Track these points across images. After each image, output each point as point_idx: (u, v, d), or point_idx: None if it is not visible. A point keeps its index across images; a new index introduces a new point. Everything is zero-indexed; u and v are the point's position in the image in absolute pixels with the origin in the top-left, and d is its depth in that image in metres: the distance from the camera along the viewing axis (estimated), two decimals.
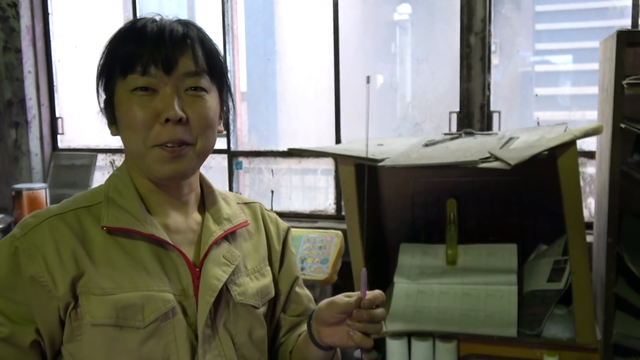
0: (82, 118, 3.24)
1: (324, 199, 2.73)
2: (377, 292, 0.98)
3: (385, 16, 2.67)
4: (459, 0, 2.21)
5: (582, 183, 2.25)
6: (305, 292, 1.19)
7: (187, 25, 1.00)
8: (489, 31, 2.19)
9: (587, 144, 2.23)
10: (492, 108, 2.29)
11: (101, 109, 1.04)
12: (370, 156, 1.69)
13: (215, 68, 1.01)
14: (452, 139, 1.88)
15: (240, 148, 2.80)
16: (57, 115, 3.27)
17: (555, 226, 1.85)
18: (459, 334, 1.70)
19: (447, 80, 2.34)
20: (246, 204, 1.19)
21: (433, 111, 2.41)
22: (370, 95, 1.08)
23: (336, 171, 2.58)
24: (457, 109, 2.26)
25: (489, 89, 2.22)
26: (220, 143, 2.84)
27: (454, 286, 1.83)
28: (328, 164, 2.70)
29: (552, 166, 1.54)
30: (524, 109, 2.53)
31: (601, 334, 1.62)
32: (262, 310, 1.11)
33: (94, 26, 3.20)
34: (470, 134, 1.90)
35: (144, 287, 0.93)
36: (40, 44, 3.18)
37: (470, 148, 1.65)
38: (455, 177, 2.01)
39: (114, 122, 1.02)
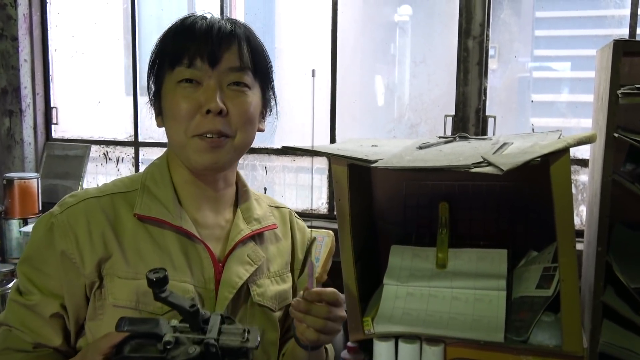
0: (76, 108, 3.22)
1: (316, 198, 2.73)
2: (329, 289, 1.01)
3: (386, 17, 2.67)
4: (458, 4, 2.21)
5: (575, 191, 2.26)
6: None
7: (235, 23, 1.05)
8: (487, 36, 2.20)
9: (581, 151, 2.24)
10: (487, 113, 2.29)
11: (150, 100, 1.09)
12: (363, 157, 1.69)
13: (259, 66, 1.05)
14: (446, 142, 1.88)
15: None
16: (52, 105, 3.26)
17: (547, 233, 1.84)
18: (446, 338, 1.70)
19: (444, 83, 2.34)
20: (277, 207, 1.23)
21: (429, 114, 2.41)
22: (369, 95, 1.12)
23: (329, 170, 2.58)
24: (453, 113, 2.26)
25: (485, 94, 2.23)
26: None
27: (443, 289, 1.83)
28: (322, 163, 2.70)
29: (544, 173, 1.54)
30: (520, 115, 2.54)
31: (588, 342, 1.63)
32: (278, 314, 1.14)
33: (91, 16, 3.19)
34: (465, 138, 1.90)
35: None
36: (37, 32, 3.17)
37: (464, 152, 1.64)
38: (448, 180, 2.01)
39: (160, 113, 1.07)
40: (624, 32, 2.23)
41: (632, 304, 1.57)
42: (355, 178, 1.82)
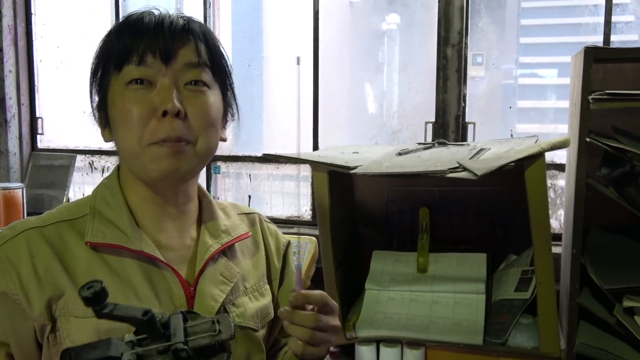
0: (62, 118, 3.23)
1: (301, 205, 2.75)
2: (317, 291, 0.90)
3: (373, 25, 2.70)
4: (437, 13, 2.24)
5: (553, 195, 2.29)
6: None
7: (190, 19, 0.93)
8: (466, 43, 2.23)
9: (559, 156, 2.27)
10: (469, 119, 2.32)
11: (93, 111, 0.96)
12: (343, 163, 1.71)
13: (218, 64, 0.93)
14: (425, 148, 1.91)
15: (219, 152, 2.81)
16: (37, 115, 3.27)
17: (526, 237, 1.87)
18: (427, 341, 1.72)
19: (424, 91, 2.37)
20: (246, 214, 1.09)
21: (410, 120, 2.44)
22: (352, 103, 1.05)
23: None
24: (433, 119, 2.30)
25: (464, 101, 2.26)
26: None
27: (423, 294, 1.85)
28: (308, 170, 2.72)
29: (522, 178, 1.57)
30: (504, 121, 2.57)
31: (565, 344, 1.65)
32: (262, 333, 1.02)
33: (77, 27, 3.20)
34: (443, 144, 1.93)
35: None
36: (22, 43, 3.18)
37: (441, 158, 1.67)
38: (429, 186, 2.04)
39: (107, 124, 0.93)
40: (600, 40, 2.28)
41: (607, 306, 1.59)
42: (337, 185, 1.84)
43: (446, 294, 1.83)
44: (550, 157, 2.29)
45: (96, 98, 0.95)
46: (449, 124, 2.25)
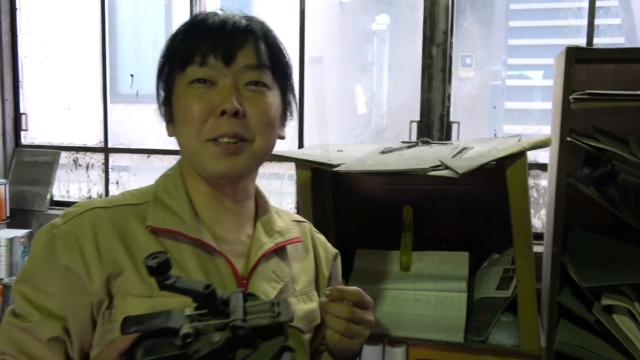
0: (46, 115, 3.21)
1: (286, 204, 2.75)
2: (352, 287, 0.93)
3: (359, 25, 2.71)
4: (422, 13, 2.25)
5: (536, 195, 2.31)
6: None
7: (252, 19, 0.96)
8: (451, 43, 2.24)
9: (543, 156, 2.29)
10: (454, 119, 2.33)
11: (159, 107, 0.99)
12: (327, 161, 1.72)
13: (278, 65, 0.96)
14: (408, 147, 1.92)
15: None
16: (22, 111, 3.24)
17: (508, 235, 1.89)
18: (409, 339, 1.73)
19: (410, 90, 2.38)
20: (297, 222, 1.12)
21: (395, 119, 2.45)
22: (338, 102, 1.06)
23: None
24: (418, 118, 2.31)
25: (449, 100, 2.27)
26: None
27: (406, 292, 1.86)
28: (293, 169, 2.72)
29: (505, 176, 1.58)
30: (487, 122, 2.59)
31: (545, 342, 1.67)
32: (308, 336, 1.03)
33: (62, 23, 3.18)
34: (427, 142, 1.93)
35: None
36: (6, 38, 3.15)
37: (424, 156, 1.68)
38: (413, 185, 2.05)
39: (170, 120, 0.97)
40: (597, 42, 2.29)
41: (588, 304, 1.61)
42: (321, 183, 1.85)
43: (428, 292, 1.83)
44: (534, 157, 2.31)
45: (162, 94, 0.98)
46: (434, 123, 2.26)
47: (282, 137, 1.01)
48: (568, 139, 1.55)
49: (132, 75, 3.08)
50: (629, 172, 1.45)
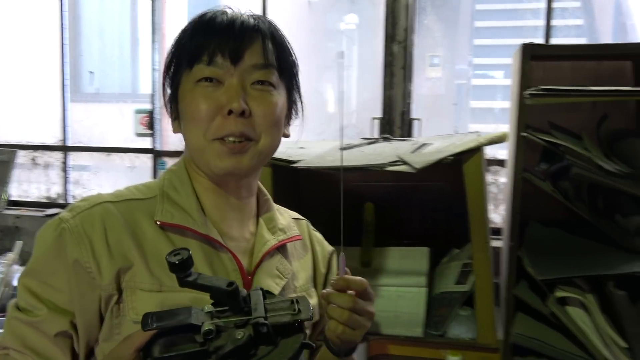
0: (2, 112, 3.13)
1: None
2: (357, 278, 0.93)
3: (325, 23, 2.70)
4: (384, 10, 2.26)
5: (495, 190, 2.34)
6: None
7: (259, 18, 0.96)
8: (412, 41, 2.26)
9: (502, 153, 2.32)
10: (416, 116, 2.35)
11: (166, 104, 1.00)
12: (287, 157, 1.71)
13: (285, 65, 0.97)
14: (369, 143, 1.92)
15: (164, 148, 2.78)
16: None
17: (468, 230, 1.91)
18: (369, 334, 1.73)
19: (372, 87, 2.39)
20: (295, 219, 1.14)
21: (357, 116, 2.46)
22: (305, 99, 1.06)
23: None
24: (380, 115, 2.31)
25: (409, 97, 2.29)
26: (145, 143, 2.80)
27: None
28: None
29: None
30: (452, 120, 2.62)
31: (503, 335, 1.69)
32: (307, 332, 1.04)
33: (20, 19, 3.11)
34: (387, 139, 1.94)
35: None
36: None
37: (383, 152, 1.69)
38: (374, 181, 2.05)
39: (177, 117, 0.97)
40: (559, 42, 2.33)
41: (544, 297, 1.63)
42: (282, 180, 1.84)
43: (389, 288, 1.84)
44: (493, 153, 2.34)
45: (168, 91, 0.99)
46: (395, 120, 2.27)
47: (287, 136, 1.03)
48: (524, 134, 1.57)
49: (91, 72, 3.02)
50: (582, 167, 1.48)
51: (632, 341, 1.53)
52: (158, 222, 0.92)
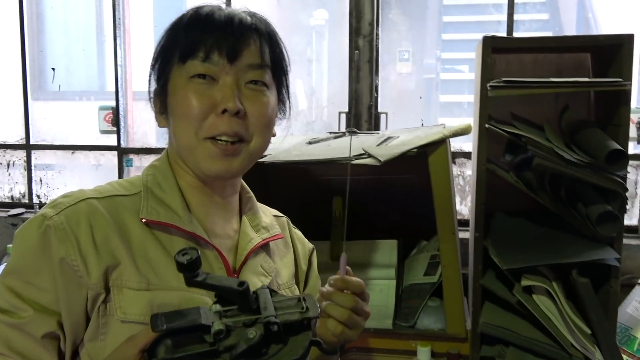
0: None
1: None
2: (356, 279, 0.94)
3: (292, 19, 2.69)
4: (348, 3, 2.26)
5: (462, 182, 2.37)
6: None
7: (256, 16, 0.95)
8: (377, 34, 2.26)
9: (468, 145, 2.34)
10: (383, 110, 2.36)
11: (150, 96, 0.97)
12: None
13: (279, 65, 0.96)
14: (335, 137, 1.93)
15: (130, 145, 2.74)
16: None
17: (436, 222, 1.93)
18: None
19: (338, 81, 2.39)
20: (276, 217, 1.13)
21: (324, 111, 2.46)
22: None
23: None
24: (347, 109, 2.32)
25: (376, 91, 2.29)
26: (111, 140, 2.76)
27: None
28: None
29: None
30: (418, 113, 2.63)
31: (471, 324, 1.71)
32: None
33: None
34: (354, 132, 1.95)
35: (181, 287, 0.81)
36: None
37: (349, 146, 1.69)
38: (342, 176, 2.06)
39: (164, 111, 0.95)
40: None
41: (510, 286, 1.66)
42: (249, 176, 1.83)
43: None
44: (459, 145, 2.36)
45: (155, 84, 0.96)
46: (362, 114, 2.27)
47: (274, 134, 1.02)
48: (487, 125, 1.59)
49: (53, 69, 2.96)
50: (544, 157, 1.50)
51: (595, 327, 1.56)
52: (144, 220, 0.90)
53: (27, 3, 2.90)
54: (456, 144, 2.36)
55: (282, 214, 1.16)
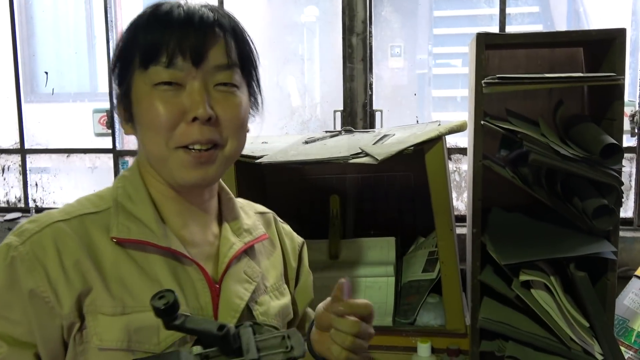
0: None
1: None
2: (363, 301, 0.89)
3: (284, 16, 2.69)
4: (341, 2, 2.26)
5: (458, 178, 2.38)
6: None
7: (218, 11, 0.88)
8: (370, 32, 2.27)
9: (464, 141, 2.35)
10: (378, 108, 2.36)
11: (116, 105, 0.91)
12: (250, 153, 1.70)
13: (247, 61, 0.90)
14: (331, 136, 1.93)
15: (125, 147, 2.73)
16: None
17: (433, 219, 1.94)
18: None
19: (333, 80, 2.39)
20: (261, 213, 1.07)
21: (319, 109, 2.46)
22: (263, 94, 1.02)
23: None
24: (342, 108, 2.32)
25: (371, 89, 2.30)
26: (106, 142, 2.75)
27: (335, 280, 1.87)
28: None
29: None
30: (412, 109, 2.63)
31: (470, 320, 1.72)
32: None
33: None
34: (350, 131, 1.95)
35: None
36: None
37: (346, 145, 1.70)
38: (338, 174, 2.07)
39: (130, 119, 0.89)
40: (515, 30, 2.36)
41: (508, 281, 1.67)
42: (247, 176, 1.83)
43: (357, 279, 1.86)
44: (455, 142, 2.37)
45: (117, 90, 0.90)
46: (357, 112, 2.28)
47: (248, 131, 0.96)
48: (482, 122, 1.60)
49: (46, 73, 2.95)
50: (539, 152, 1.51)
51: (593, 320, 1.58)
52: (114, 240, 0.85)
53: (17, 7, 2.88)
54: (452, 140, 2.37)
55: (267, 210, 1.10)
